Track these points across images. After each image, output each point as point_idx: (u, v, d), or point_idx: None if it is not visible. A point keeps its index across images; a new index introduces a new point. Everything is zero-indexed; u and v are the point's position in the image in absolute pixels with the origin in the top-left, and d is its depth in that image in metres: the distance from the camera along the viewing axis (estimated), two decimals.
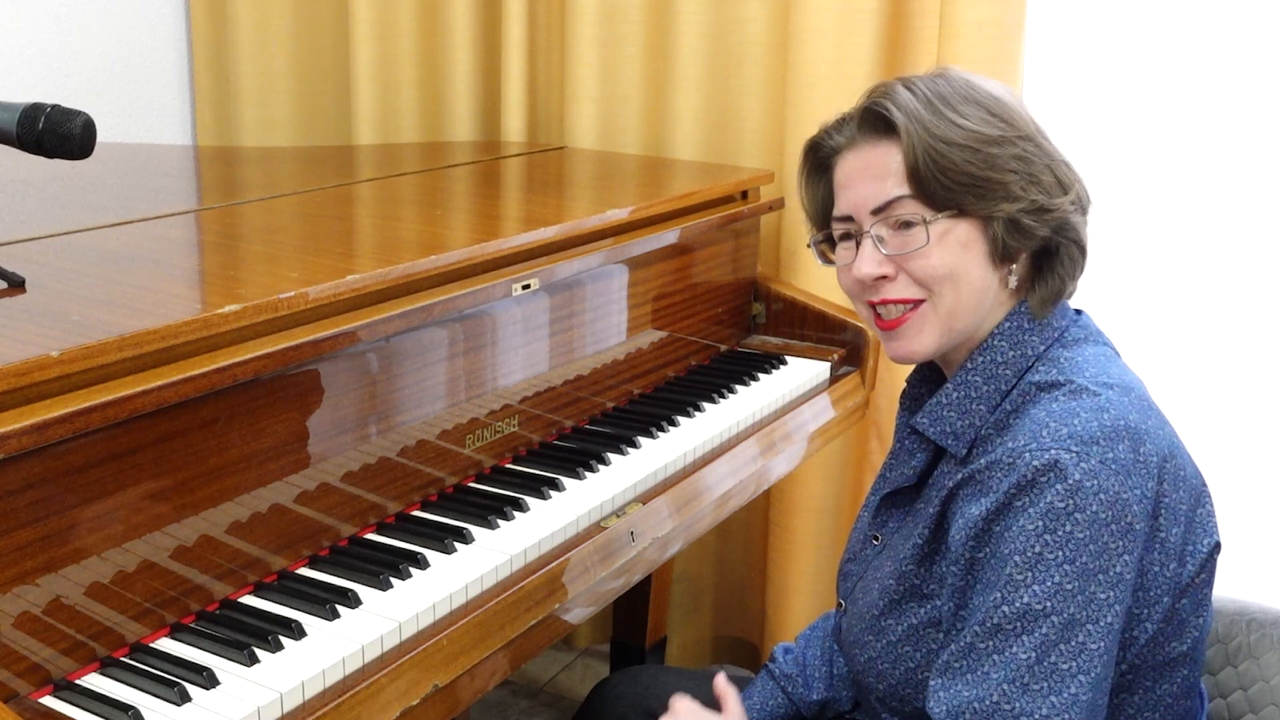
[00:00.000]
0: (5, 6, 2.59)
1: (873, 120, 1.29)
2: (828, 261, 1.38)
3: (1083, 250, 1.29)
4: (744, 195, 2.23)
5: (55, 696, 1.15)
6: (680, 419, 1.86)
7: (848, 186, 1.31)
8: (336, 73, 2.89)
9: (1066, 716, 1.14)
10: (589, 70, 2.52)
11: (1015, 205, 1.24)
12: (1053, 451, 1.15)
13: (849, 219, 1.31)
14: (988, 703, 1.15)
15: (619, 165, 2.43)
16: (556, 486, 1.60)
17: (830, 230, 1.36)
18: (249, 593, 1.33)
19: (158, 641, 1.24)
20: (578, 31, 2.51)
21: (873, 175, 1.28)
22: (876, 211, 1.28)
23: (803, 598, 2.53)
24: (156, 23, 2.93)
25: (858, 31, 2.26)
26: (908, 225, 1.26)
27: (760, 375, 2.08)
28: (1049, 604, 1.14)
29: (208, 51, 2.97)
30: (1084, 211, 1.30)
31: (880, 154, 1.28)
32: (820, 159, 1.36)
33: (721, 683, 1.47)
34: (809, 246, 1.40)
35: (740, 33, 2.40)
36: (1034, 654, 1.14)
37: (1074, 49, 2.31)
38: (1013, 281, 1.28)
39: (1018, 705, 1.14)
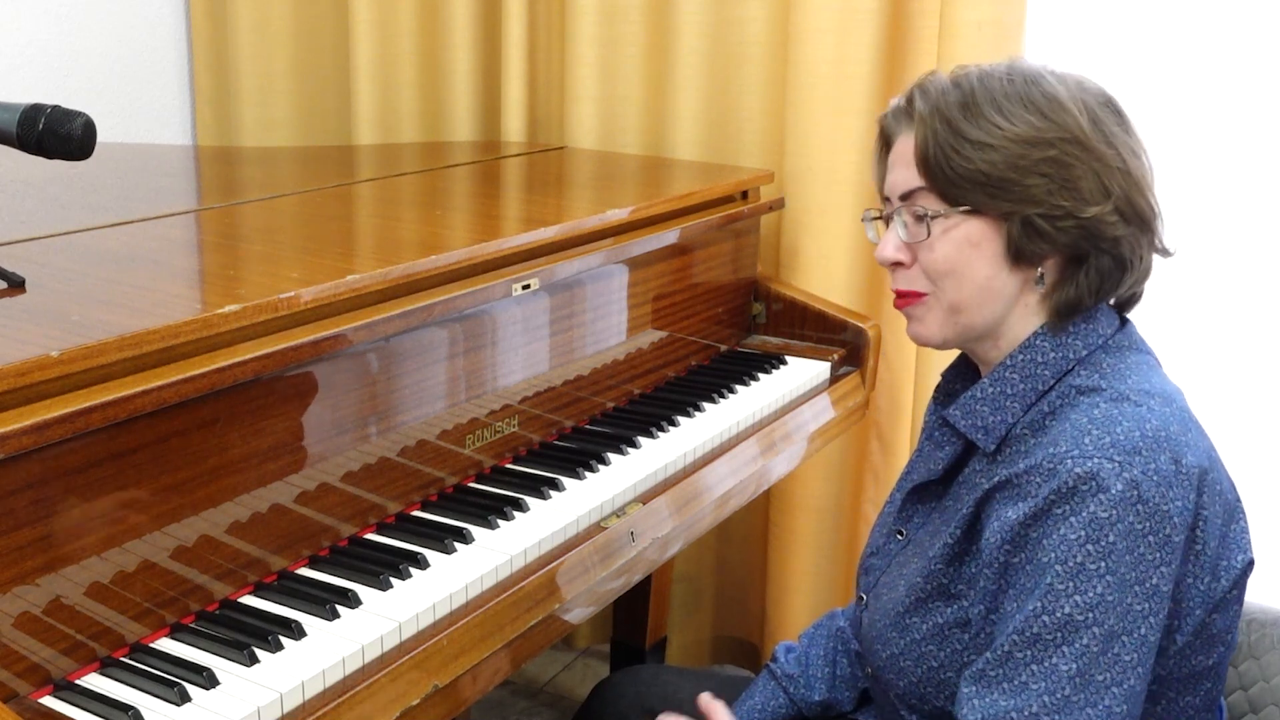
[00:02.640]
0: (5, 6, 2.59)
1: (907, 110, 1.30)
2: (876, 236, 1.38)
3: (1121, 263, 1.25)
4: (744, 195, 2.23)
5: (55, 696, 1.15)
6: (680, 419, 1.86)
7: (891, 169, 1.32)
8: (336, 73, 2.89)
9: None
10: (589, 70, 2.52)
11: (1035, 208, 1.21)
12: (1095, 460, 1.14)
13: (889, 200, 1.33)
14: (1027, 713, 1.14)
15: (619, 165, 2.43)
16: (556, 486, 1.60)
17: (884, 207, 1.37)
18: (249, 593, 1.33)
19: (158, 641, 1.24)
20: (578, 31, 2.51)
21: (905, 163, 1.29)
22: (904, 198, 1.29)
23: (803, 598, 2.53)
24: (156, 23, 2.93)
25: (858, 31, 2.26)
26: (920, 219, 1.27)
27: (760, 375, 2.08)
28: (1090, 615, 1.13)
29: (208, 51, 2.97)
30: (1140, 224, 1.25)
31: (911, 142, 1.28)
32: (885, 137, 1.36)
33: (706, 699, 1.47)
34: (863, 220, 1.41)
35: (740, 33, 2.40)
36: (1074, 665, 1.13)
37: (1074, 49, 2.31)
38: (1040, 286, 1.26)
39: (1057, 718, 1.13)
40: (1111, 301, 1.30)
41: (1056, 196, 1.21)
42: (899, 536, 1.39)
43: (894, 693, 1.33)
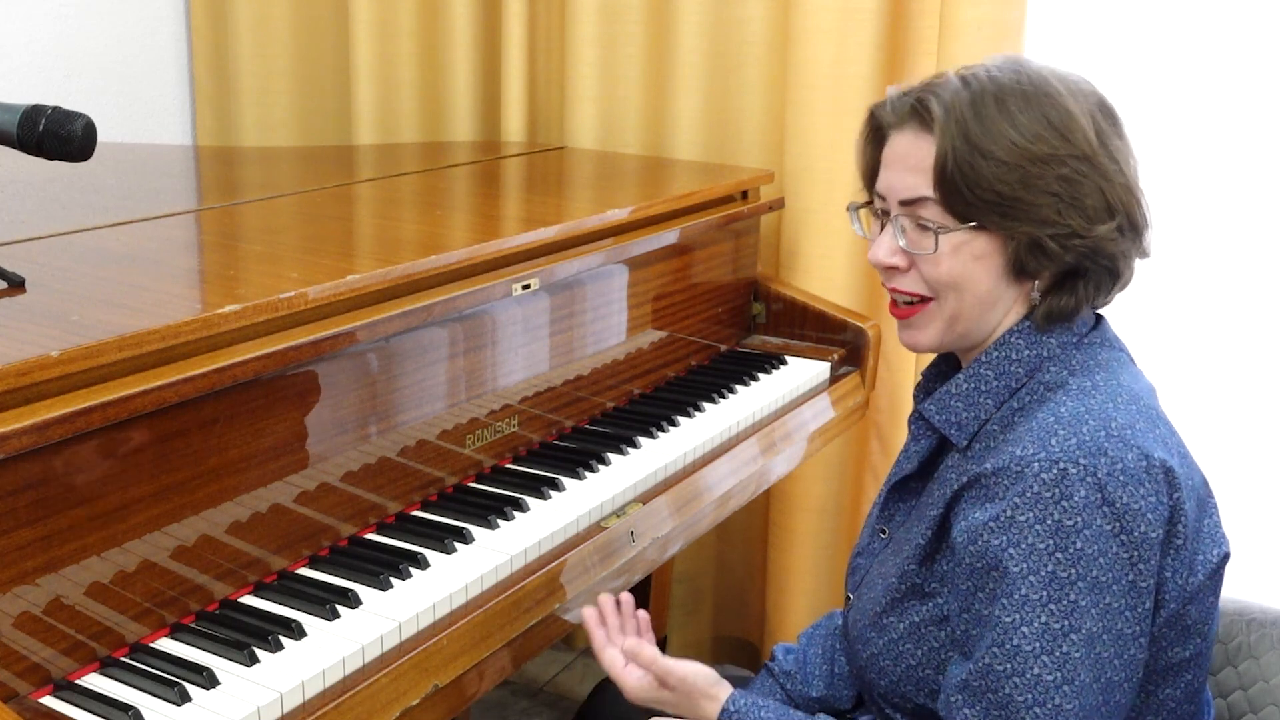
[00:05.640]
0: (5, 6, 2.59)
1: (918, 112, 1.26)
2: (862, 229, 1.37)
3: (1115, 275, 1.26)
4: (744, 195, 2.23)
5: (55, 696, 1.15)
6: (680, 419, 1.86)
7: (888, 167, 1.30)
8: (336, 73, 2.89)
9: None
10: (589, 70, 2.52)
11: (1044, 229, 1.21)
12: (1061, 464, 1.14)
13: (883, 198, 1.31)
14: None
15: (619, 165, 2.43)
16: (556, 486, 1.60)
17: (871, 200, 1.35)
18: (249, 593, 1.33)
19: (158, 641, 1.24)
20: (578, 31, 2.50)
21: (909, 166, 1.26)
22: (904, 203, 1.27)
23: (803, 598, 2.53)
24: (156, 23, 2.93)
25: (858, 31, 2.26)
26: (924, 228, 1.26)
27: (760, 375, 2.08)
28: (1067, 622, 1.13)
29: (208, 51, 2.97)
30: (1134, 236, 1.26)
31: (921, 147, 1.25)
32: (877, 127, 1.33)
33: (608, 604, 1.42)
34: (848, 210, 1.39)
35: (740, 33, 2.40)
36: (1058, 674, 1.14)
37: (1074, 49, 2.31)
38: (1035, 296, 1.27)
39: None
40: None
41: (1065, 215, 1.21)
42: (882, 535, 1.40)
43: (877, 692, 1.34)
